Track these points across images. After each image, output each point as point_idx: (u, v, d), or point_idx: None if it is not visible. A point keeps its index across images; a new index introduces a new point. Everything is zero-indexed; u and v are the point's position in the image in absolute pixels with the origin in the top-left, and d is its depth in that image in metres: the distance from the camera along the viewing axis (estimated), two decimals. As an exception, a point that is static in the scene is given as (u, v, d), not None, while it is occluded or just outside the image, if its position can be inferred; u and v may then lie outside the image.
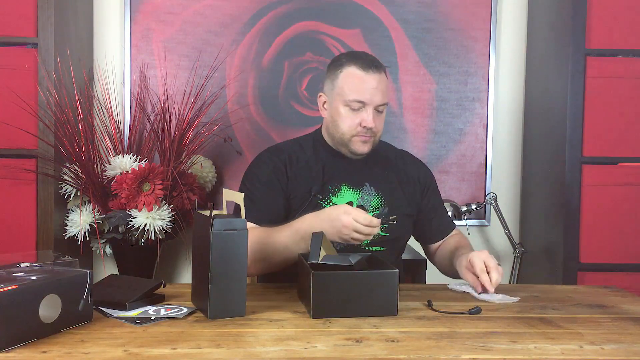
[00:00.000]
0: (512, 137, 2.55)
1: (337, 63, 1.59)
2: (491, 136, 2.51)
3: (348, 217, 1.36)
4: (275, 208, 1.58)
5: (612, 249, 2.13)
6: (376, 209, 1.63)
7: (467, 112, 2.50)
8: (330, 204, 1.60)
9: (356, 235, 1.38)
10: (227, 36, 2.45)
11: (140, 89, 2.41)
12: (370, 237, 1.40)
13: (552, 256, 2.24)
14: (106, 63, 2.44)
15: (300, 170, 1.63)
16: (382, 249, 1.62)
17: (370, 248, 1.62)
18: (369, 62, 1.56)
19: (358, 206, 1.61)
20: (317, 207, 1.59)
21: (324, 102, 1.64)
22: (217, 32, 2.44)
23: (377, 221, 1.38)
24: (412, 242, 2.49)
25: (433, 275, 2.19)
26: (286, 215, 1.59)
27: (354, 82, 1.55)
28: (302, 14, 2.46)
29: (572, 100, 2.11)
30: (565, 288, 1.58)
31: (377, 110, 1.57)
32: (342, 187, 1.62)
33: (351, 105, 1.56)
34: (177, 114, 2.21)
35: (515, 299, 1.40)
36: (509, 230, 2.38)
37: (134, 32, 2.43)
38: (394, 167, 1.71)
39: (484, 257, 1.45)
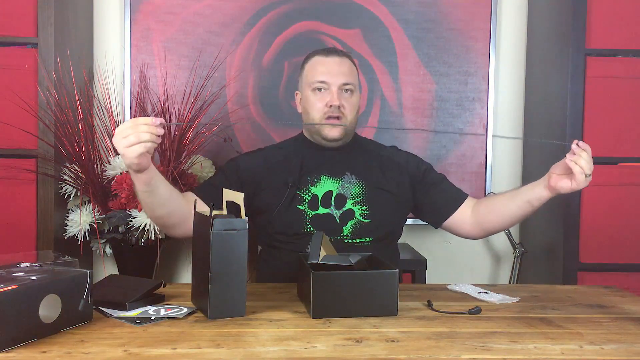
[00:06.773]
0: (512, 137, 2.55)
1: (305, 59, 1.75)
2: (491, 136, 2.51)
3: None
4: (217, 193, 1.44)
5: (612, 249, 2.12)
6: (357, 196, 1.66)
7: (467, 112, 2.50)
8: (309, 194, 1.66)
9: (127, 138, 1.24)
10: (227, 36, 2.44)
11: (140, 89, 2.41)
12: (155, 137, 1.26)
13: (552, 256, 2.23)
14: (106, 63, 2.44)
15: (277, 165, 1.71)
16: (368, 239, 1.63)
17: (355, 241, 1.63)
18: (329, 49, 1.72)
19: (337, 195, 1.66)
20: (294, 198, 1.65)
21: (300, 99, 1.75)
22: (217, 32, 2.44)
23: (144, 119, 1.26)
24: (413, 242, 2.50)
25: (433, 275, 2.19)
26: (265, 209, 1.66)
27: (317, 66, 1.68)
28: (302, 14, 2.46)
29: (572, 100, 2.11)
30: (565, 288, 1.58)
31: (343, 90, 1.66)
32: (321, 177, 1.68)
33: (317, 87, 1.66)
34: (177, 114, 2.21)
35: (515, 299, 1.40)
36: (509, 230, 2.37)
37: (134, 32, 2.42)
38: (377, 157, 1.76)
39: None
